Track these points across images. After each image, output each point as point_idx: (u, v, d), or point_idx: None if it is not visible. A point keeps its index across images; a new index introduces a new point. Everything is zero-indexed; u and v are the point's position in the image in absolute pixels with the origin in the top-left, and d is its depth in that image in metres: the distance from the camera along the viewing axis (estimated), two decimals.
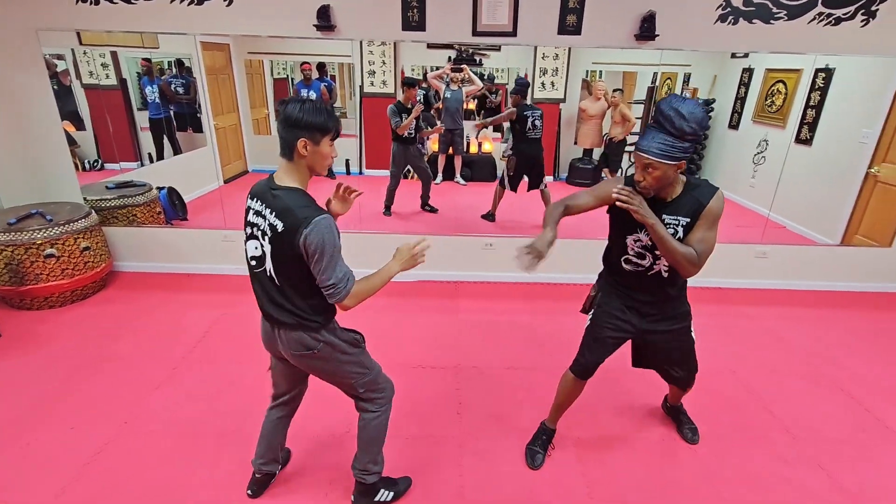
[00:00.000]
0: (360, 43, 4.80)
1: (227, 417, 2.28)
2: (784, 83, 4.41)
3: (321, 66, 5.23)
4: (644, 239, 1.69)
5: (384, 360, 1.70)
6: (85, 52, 3.86)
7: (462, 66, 4.82)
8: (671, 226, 1.62)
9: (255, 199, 1.47)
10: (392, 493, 1.87)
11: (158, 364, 2.64)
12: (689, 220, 1.63)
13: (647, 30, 3.02)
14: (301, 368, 1.66)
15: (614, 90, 5.19)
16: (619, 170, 5.42)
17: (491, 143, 5.35)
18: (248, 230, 1.50)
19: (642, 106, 5.35)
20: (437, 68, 5.05)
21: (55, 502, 1.82)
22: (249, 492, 1.88)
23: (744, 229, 4.29)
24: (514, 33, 3.11)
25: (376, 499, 1.84)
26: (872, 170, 3.72)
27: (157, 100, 4.48)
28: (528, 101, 4.52)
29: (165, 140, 4.71)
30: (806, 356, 2.93)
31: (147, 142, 4.59)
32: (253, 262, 1.51)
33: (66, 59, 3.73)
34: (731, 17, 3.05)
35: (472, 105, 5.42)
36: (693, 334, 1.93)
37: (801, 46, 3.11)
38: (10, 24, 3.11)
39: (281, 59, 5.42)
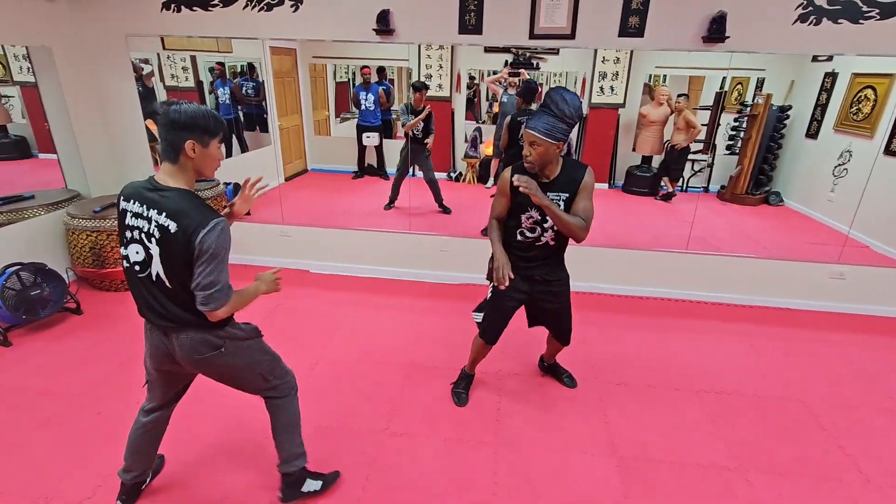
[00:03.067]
0: (419, 47, 4.89)
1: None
2: (873, 89, 4.02)
3: (380, 70, 5.38)
4: (535, 216, 1.98)
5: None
6: (168, 57, 4.20)
7: (520, 70, 4.78)
8: (555, 201, 1.90)
9: (133, 201, 1.40)
10: (320, 482, 1.84)
11: None
12: (567, 195, 1.94)
13: (716, 31, 2.86)
14: (198, 373, 1.62)
15: (679, 95, 4.96)
16: (681, 179, 5.16)
17: None
18: (128, 234, 1.41)
19: (708, 112, 5.08)
20: (494, 72, 5.04)
21: (116, 472, 1.97)
22: (118, 502, 1.79)
23: (819, 247, 3.95)
24: (572, 36, 3.05)
25: (303, 489, 1.81)
26: None
27: (228, 101, 4.79)
28: (535, 107, 4.20)
29: (234, 139, 5.03)
30: (887, 390, 2.64)
31: None
32: (136, 268, 1.43)
33: (152, 63, 4.07)
34: (813, 17, 2.82)
35: None
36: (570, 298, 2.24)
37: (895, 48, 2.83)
38: (104, 31, 3.44)
39: (343, 62, 5.63)
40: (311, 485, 1.83)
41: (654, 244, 3.71)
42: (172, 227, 1.34)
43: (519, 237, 2.06)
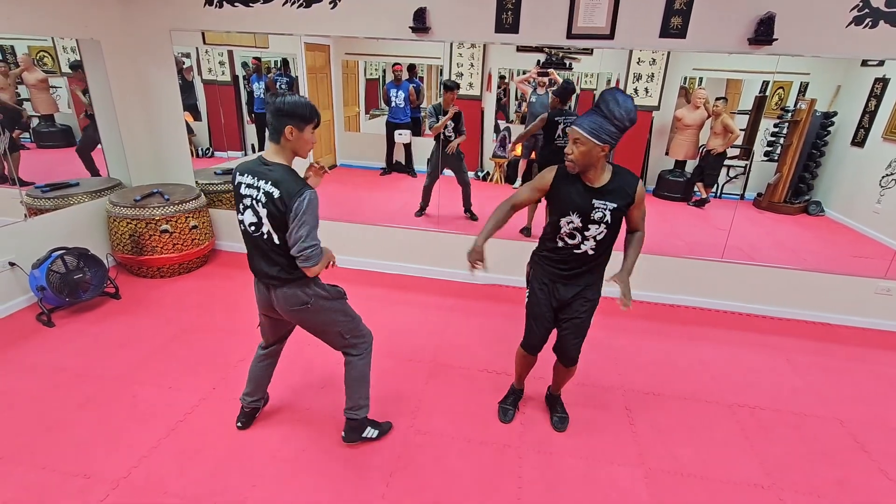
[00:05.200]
0: (451, 45, 4.88)
1: (300, 395, 2.42)
2: None
3: (411, 68, 5.38)
4: (576, 222, 1.87)
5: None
6: (206, 52, 4.30)
7: (549, 69, 4.72)
8: (600, 209, 1.82)
9: (246, 175, 1.71)
10: (377, 431, 2.13)
11: (245, 338, 2.86)
12: (615, 205, 1.82)
13: (763, 33, 2.76)
14: (293, 323, 1.93)
15: (717, 99, 4.81)
16: (715, 185, 5.02)
17: None
18: (244, 202, 1.72)
19: (747, 117, 4.91)
20: (525, 72, 4.99)
21: (150, 454, 2.04)
22: (239, 424, 2.17)
23: (863, 260, 3.78)
24: (611, 36, 2.99)
25: (364, 435, 2.10)
26: None
27: (263, 95, 4.87)
28: (568, 107, 4.19)
29: (266, 133, 5.11)
30: None
31: (251, 133, 5.01)
32: (251, 228, 1.74)
33: (192, 57, 4.17)
34: (868, 20, 2.69)
35: None
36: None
37: None
38: (150, 25, 3.55)
39: (375, 59, 5.67)
40: (370, 432, 2.12)
41: (686, 251, 3.61)
42: (276, 193, 1.64)
43: (559, 243, 1.94)
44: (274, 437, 2.15)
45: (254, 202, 1.69)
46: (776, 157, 5.00)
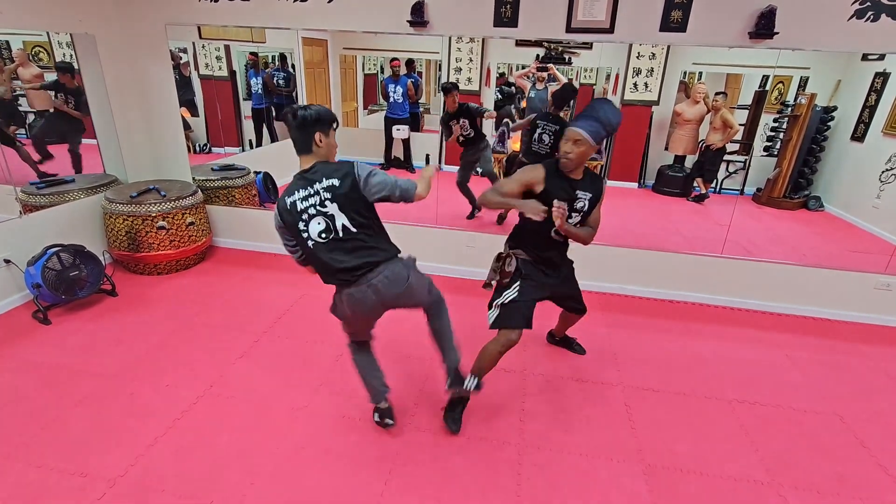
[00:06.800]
0: (449, 40, 4.84)
1: (298, 392, 2.41)
2: None
3: (409, 63, 5.35)
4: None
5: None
6: (203, 46, 4.26)
7: (548, 64, 4.68)
8: (582, 199, 2.07)
9: (295, 193, 1.74)
10: (476, 381, 2.13)
11: (242, 335, 2.85)
12: (590, 195, 2.08)
13: (764, 27, 2.74)
14: (393, 307, 1.92)
15: (717, 93, 4.79)
16: (714, 180, 5.00)
17: None
18: (305, 216, 1.74)
19: (747, 112, 4.89)
20: (524, 67, 4.96)
21: (147, 452, 2.03)
22: (388, 421, 2.14)
23: (862, 255, 3.77)
24: (610, 30, 2.96)
25: (465, 385, 2.12)
26: None
27: (260, 91, 4.84)
28: (561, 113, 3.98)
29: (265, 128, 5.08)
30: None
31: (249, 129, 4.98)
32: (322, 237, 1.75)
33: (188, 52, 4.13)
34: (870, 13, 2.67)
35: None
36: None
37: None
38: (145, 20, 3.51)
39: (373, 54, 5.63)
40: (471, 381, 2.13)
41: (685, 246, 3.60)
42: (336, 180, 1.72)
43: (555, 236, 2.13)
44: (272, 435, 2.14)
45: (317, 207, 1.72)
46: (776, 152, 4.99)
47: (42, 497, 1.80)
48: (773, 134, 5.05)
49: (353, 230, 1.75)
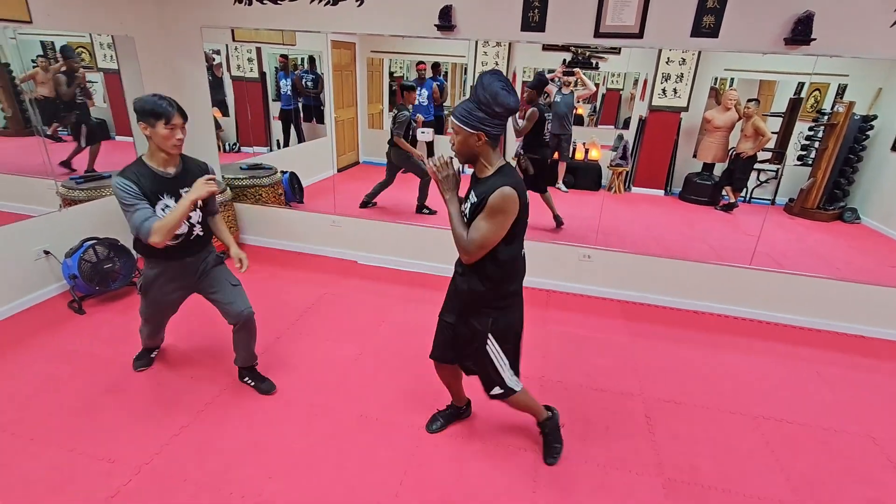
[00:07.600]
0: (476, 44, 4.85)
1: (318, 391, 2.44)
2: None
3: (435, 66, 5.38)
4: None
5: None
6: (236, 48, 4.38)
7: (574, 69, 4.65)
8: (469, 201, 1.68)
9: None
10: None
11: (266, 331, 2.90)
12: (477, 201, 1.62)
13: (800, 33, 2.66)
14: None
15: (749, 100, 4.66)
16: (744, 189, 4.87)
17: (598, 151, 5.10)
18: None
19: (780, 119, 4.75)
20: (550, 71, 4.93)
21: (171, 441, 2.09)
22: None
23: None
24: (640, 35, 2.92)
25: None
26: None
27: (289, 92, 4.94)
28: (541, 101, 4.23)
29: (292, 129, 5.19)
30: None
31: (277, 130, 5.09)
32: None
33: (221, 53, 4.26)
34: None
35: (581, 110, 5.22)
36: None
37: None
38: (181, 23, 3.63)
39: (400, 57, 5.68)
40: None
41: (713, 256, 3.52)
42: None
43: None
44: (290, 432, 2.17)
45: None
46: (810, 162, 4.83)
47: (72, 480, 1.87)
48: (807, 143, 4.89)
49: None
